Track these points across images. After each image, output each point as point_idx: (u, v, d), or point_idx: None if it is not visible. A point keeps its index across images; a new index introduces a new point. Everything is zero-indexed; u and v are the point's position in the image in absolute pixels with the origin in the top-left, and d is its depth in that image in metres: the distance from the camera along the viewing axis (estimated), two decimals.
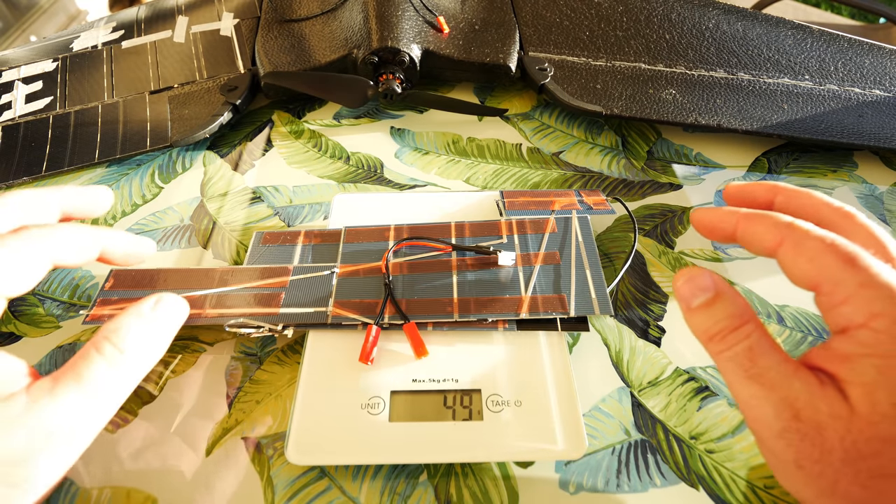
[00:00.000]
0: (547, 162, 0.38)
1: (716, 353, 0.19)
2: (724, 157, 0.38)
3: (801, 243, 0.18)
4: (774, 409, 0.17)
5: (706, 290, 0.19)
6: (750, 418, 0.18)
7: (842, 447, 0.16)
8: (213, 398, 0.27)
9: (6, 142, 0.40)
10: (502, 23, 0.44)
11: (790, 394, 0.17)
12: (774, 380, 0.17)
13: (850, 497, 0.16)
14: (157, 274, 0.30)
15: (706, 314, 0.19)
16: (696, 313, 0.20)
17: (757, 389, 0.18)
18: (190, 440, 0.25)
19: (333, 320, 0.27)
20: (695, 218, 0.23)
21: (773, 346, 0.18)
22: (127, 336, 0.20)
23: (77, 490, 0.24)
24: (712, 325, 0.19)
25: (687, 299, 0.20)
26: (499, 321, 0.27)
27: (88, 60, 0.46)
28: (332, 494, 0.24)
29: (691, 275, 0.20)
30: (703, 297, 0.19)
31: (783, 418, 0.17)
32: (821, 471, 0.17)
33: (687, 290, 0.20)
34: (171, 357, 0.28)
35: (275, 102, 0.44)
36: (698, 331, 0.20)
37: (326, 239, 0.31)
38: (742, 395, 0.18)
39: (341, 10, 0.44)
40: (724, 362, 0.19)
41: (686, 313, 0.20)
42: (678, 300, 0.20)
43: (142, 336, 0.21)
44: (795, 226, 0.19)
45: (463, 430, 0.24)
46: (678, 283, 0.20)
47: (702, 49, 0.43)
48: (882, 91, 0.40)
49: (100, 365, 0.19)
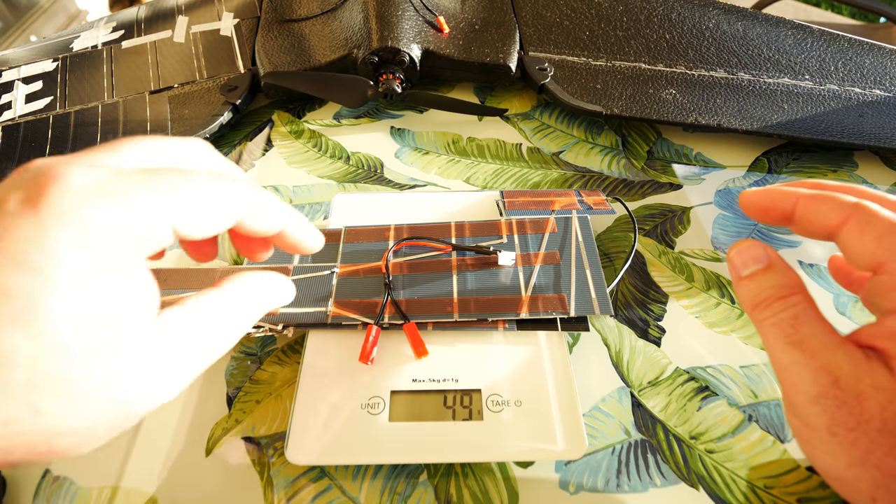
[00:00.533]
0: (547, 162, 0.38)
1: (760, 319, 0.19)
2: (724, 157, 0.38)
3: (868, 222, 0.18)
4: (813, 375, 0.18)
5: (758, 261, 0.20)
6: (786, 384, 0.19)
7: (881, 417, 0.17)
8: (213, 398, 0.27)
9: (6, 142, 0.40)
10: (502, 23, 0.44)
11: (831, 362, 0.17)
12: (816, 348, 0.18)
13: (882, 467, 0.17)
14: (158, 273, 0.30)
15: (755, 282, 0.20)
16: (746, 282, 0.20)
17: (797, 355, 0.18)
18: (190, 440, 0.25)
19: (333, 320, 0.27)
20: (746, 199, 0.22)
21: (819, 318, 0.19)
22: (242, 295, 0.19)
23: (77, 490, 0.24)
24: (759, 293, 0.19)
25: (738, 268, 0.20)
26: (499, 321, 0.27)
27: (88, 60, 0.46)
28: (332, 494, 0.24)
29: (745, 246, 0.21)
30: (754, 267, 0.20)
31: (821, 384, 0.17)
32: (855, 439, 0.17)
33: (739, 260, 0.20)
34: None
35: (275, 102, 0.44)
36: (746, 298, 0.20)
37: (327, 239, 0.31)
38: (782, 361, 0.19)
39: (341, 10, 0.44)
40: (767, 328, 0.19)
41: (736, 282, 0.21)
42: (730, 270, 0.21)
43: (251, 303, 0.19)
44: (863, 205, 0.19)
45: (463, 430, 0.24)
46: (731, 253, 0.21)
47: (702, 49, 0.43)
48: (882, 91, 0.40)
49: (216, 299, 0.18)
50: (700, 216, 0.34)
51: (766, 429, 0.25)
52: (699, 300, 0.30)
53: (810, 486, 0.23)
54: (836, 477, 0.18)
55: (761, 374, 0.27)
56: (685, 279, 0.31)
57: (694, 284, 0.31)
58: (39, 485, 0.24)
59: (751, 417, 0.25)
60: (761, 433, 0.25)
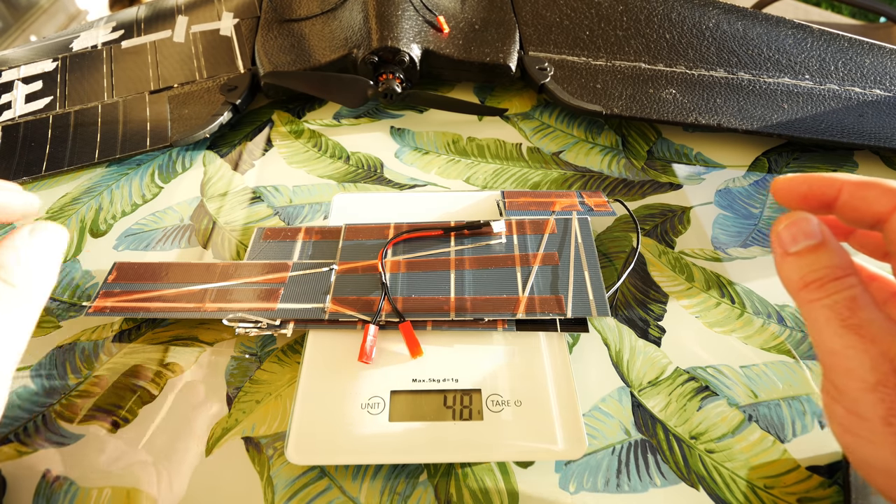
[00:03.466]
0: (547, 162, 0.38)
1: (809, 300, 0.18)
2: (724, 157, 0.38)
3: None
4: (872, 362, 0.17)
5: (810, 237, 0.18)
6: (837, 370, 0.18)
7: None
8: (213, 398, 0.27)
9: (6, 142, 0.40)
10: (502, 22, 0.44)
11: (892, 349, 0.17)
12: (876, 334, 0.17)
13: None
14: (159, 267, 0.30)
15: (805, 260, 0.18)
16: (793, 259, 0.19)
17: (854, 340, 0.17)
18: (190, 440, 0.25)
19: (331, 316, 0.27)
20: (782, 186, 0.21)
21: (875, 303, 0.18)
22: (11, 269, 0.19)
23: (77, 490, 0.24)
24: (810, 273, 0.18)
25: (785, 243, 0.19)
26: (498, 321, 0.27)
27: (88, 60, 0.46)
28: (332, 494, 0.24)
29: (796, 218, 0.19)
30: (805, 243, 0.18)
31: (881, 371, 0.17)
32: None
33: (788, 235, 0.19)
34: (171, 357, 0.28)
35: (275, 102, 0.44)
36: (792, 277, 0.19)
37: (326, 236, 0.32)
38: (834, 345, 0.17)
39: (341, 9, 0.44)
40: (818, 310, 0.18)
41: (781, 258, 0.19)
42: (774, 244, 0.19)
43: (26, 266, 0.19)
44: None
45: (463, 430, 0.24)
46: (779, 226, 0.19)
47: (702, 49, 0.43)
48: (882, 90, 0.40)
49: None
50: (700, 216, 0.34)
51: (766, 429, 0.25)
52: (699, 300, 0.30)
53: (810, 486, 0.23)
54: (883, 469, 0.17)
55: (761, 374, 0.27)
56: (685, 279, 0.31)
57: (694, 284, 0.31)
58: (39, 485, 0.24)
59: (751, 417, 0.25)
60: (761, 433, 0.25)
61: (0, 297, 0.18)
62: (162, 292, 0.29)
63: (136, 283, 0.29)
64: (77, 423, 0.26)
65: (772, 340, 0.28)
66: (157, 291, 0.29)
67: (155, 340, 0.29)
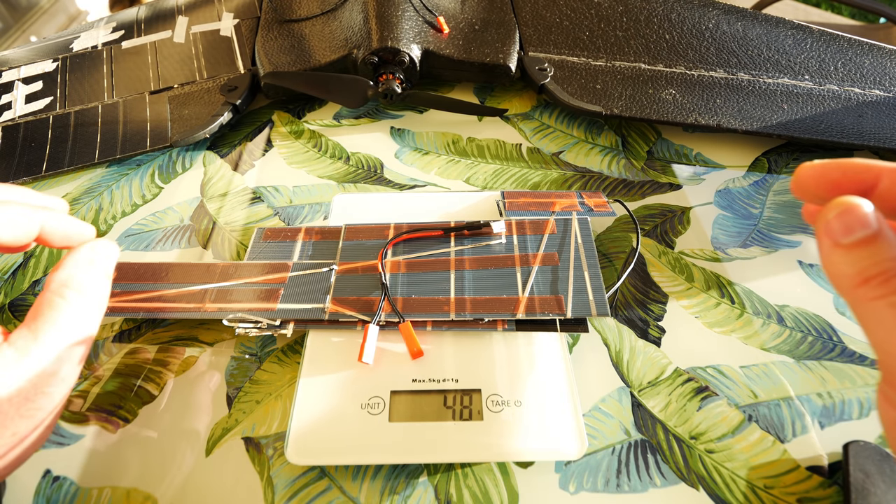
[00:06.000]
0: (547, 162, 0.38)
1: (871, 298, 0.16)
2: (724, 157, 0.38)
3: None
4: None
5: (866, 226, 0.16)
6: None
7: None
8: (214, 398, 0.27)
9: (6, 142, 0.40)
10: (502, 23, 0.44)
11: None
12: None
13: None
14: (160, 268, 0.30)
15: (861, 253, 0.16)
16: (845, 251, 0.16)
17: None
18: (190, 440, 0.25)
19: (331, 316, 0.27)
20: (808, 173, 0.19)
21: None
22: (81, 280, 0.22)
23: (77, 490, 0.24)
24: (870, 266, 0.16)
25: (836, 233, 0.16)
26: (498, 321, 0.27)
27: (88, 61, 0.46)
28: (332, 494, 0.24)
29: (850, 205, 0.16)
30: (862, 233, 0.16)
31: None
32: None
33: (839, 224, 0.16)
34: (171, 357, 0.28)
35: (275, 102, 0.44)
36: (847, 272, 0.16)
37: (326, 236, 0.32)
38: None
39: (341, 10, 0.44)
40: (884, 308, 0.16)
41: (829, 250, 0.17)
42: (820, 234, 0.17)
43: (90, 278, 0.23)
44: None
45: (463, 430, 0.24)
46: (830, 214, 0.17)
47: (702, 49, 0.43)
48: (882, 91, 0.40)
49: (66, 309, 0.21)
50: (700, 216, 0.34)
51: (766, 429, 0.25)
52: (699, 300, 0.30)
53: (810, 486, 0.23)
54: None
55: (761, 374, 0.27)
56: (685, 279, 0.31)
57: (694, 284, 0.31)
58: (39, 485, 0.24)
59: (751, 417, 0.25)
60: (761, 433, 0.25)
61: (73, 303, 0.21)
62: (162, 292, 0.29)
63: (136, 284, 0.29)
64: (77, 423, 0.26)
65: (772, 340, 0.28)
66: (158, 292, 0.29)
67: (155, 340, 0.29)
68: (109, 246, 0.24)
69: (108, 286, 0.24)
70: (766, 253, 0.32)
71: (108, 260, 0.24)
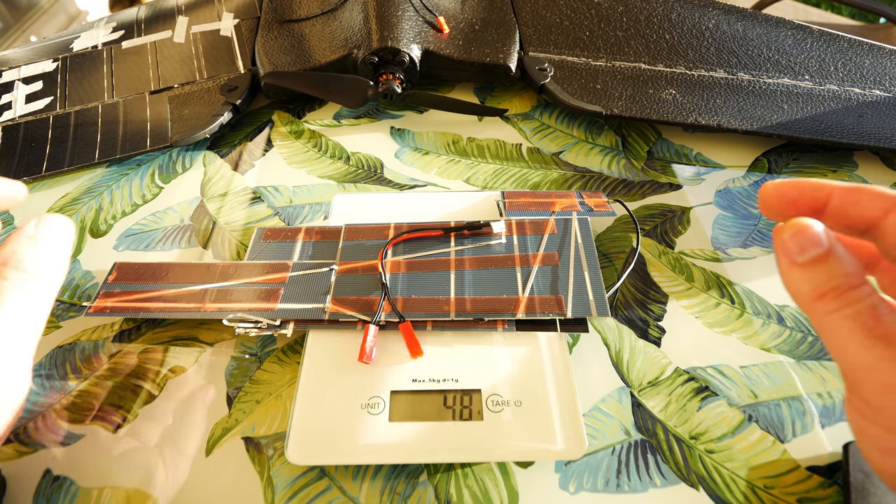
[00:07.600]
0: (547, 162, 0.38)
1: (827, 311, 0.17)
2: (724, 157, 0.38)
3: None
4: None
5: (818, 245, 0.17)
6: (873, 385, 0.16)
7: None
8: (213, 398, 0.27)
9: (6, 142, 0.40)
10: (502, 23, 0.44)
11: None
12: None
13: None
14: (160, 267, 0.30)
15: (816, 271, 0.17)
16: (801, 269, 0.17)
17: (883, 350, 0.16)
18: (190, 440, 0.25)
19: (331, 316, 0.27)
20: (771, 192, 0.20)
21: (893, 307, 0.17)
22: (22, 259, 0.20)
23: (77, 490, 0.24)
24: (825, 282, 0.17)
25: (791, 253, 0.18)
26: (498, 321, 0.27)
27: (88, 60, 0.46)
28: (332, 494, 0.24)
29: (801, 226, 0.18)
30: (814, 252, 0.17)
31: None
32: None
33: (794, 244, 0.18)
34: (171, 357, 0.28)
35: (275, 102, 0.44)
36: (803, 288, 0.18)
37: (326, 236, 0.32)
38: (864, 359, 0.16)
39: (341, 10, 0.44)
40: (839, 321, 0.17)
41: (787, 268, 0.18)
42: (779, 254, 0.18)
43: (36, 256, 0.20)
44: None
45: (463, 430, 0.24)
46: (784, 235, 0.18)
47: (702, 49, 0.43)
48: (882, 91, 0.40)
49: (8, 289, 0.19)
50: (700, 216, 0.34)
51: (766, 429, 0.25)
52: (699, 300, 0.30)
53: (810, 486, 0.23)
54: None
55: (761, 374, 0.27)
56: (685, 279, 0.31)
57: (694, 284, 0.31)
58: (39, 485, 0.24)
59: (751, 417, 0.25)
60: (761, 433, 0.25)
61: (14, 283, 0.19)
62: (162, 292, 0.29)
63: (136, 284, 0.29)
64: (77, 423, 0.26)
65: (772, 340, 0.28)
66: (158, 291, 0.29)
67: (155, 340, 0.29)
68: (59, 221, 0.22)
69: (63, 266, 0.21)
70: (767, 253, 0.32)
71: (57, 237, 0.21)
